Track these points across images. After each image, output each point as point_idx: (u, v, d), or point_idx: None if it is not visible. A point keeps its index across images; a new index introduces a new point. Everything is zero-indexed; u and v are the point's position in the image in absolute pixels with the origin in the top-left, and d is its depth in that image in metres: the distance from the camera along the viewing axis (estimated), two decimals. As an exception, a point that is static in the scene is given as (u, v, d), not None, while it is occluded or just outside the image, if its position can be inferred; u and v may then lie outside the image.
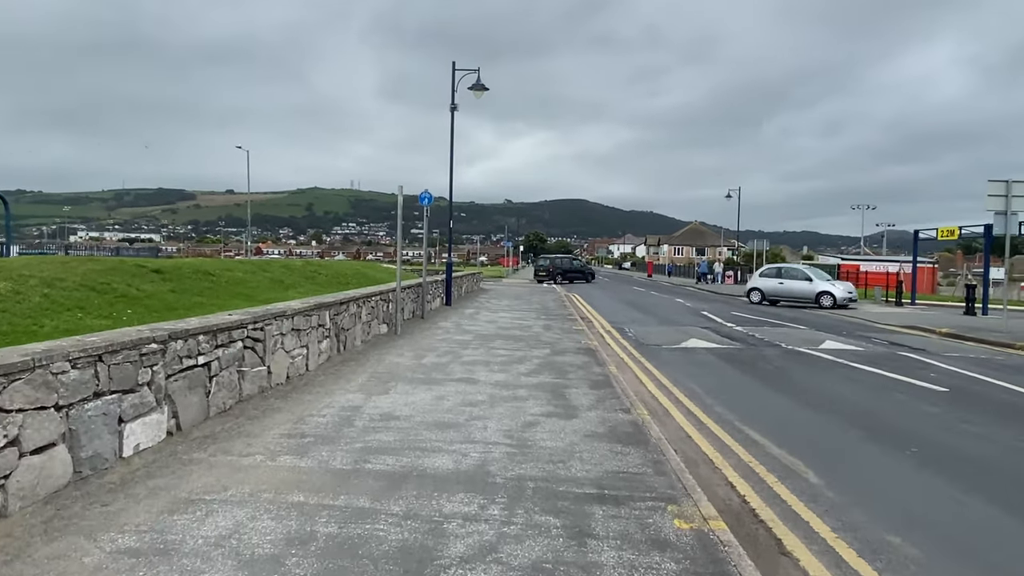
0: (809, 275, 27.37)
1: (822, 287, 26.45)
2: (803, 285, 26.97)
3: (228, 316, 6.86)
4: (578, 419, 6.78)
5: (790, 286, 27.29)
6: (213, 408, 6.29)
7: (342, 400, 7.28)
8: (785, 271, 28.68)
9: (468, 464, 5.20)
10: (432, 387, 8.13)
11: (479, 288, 32.81)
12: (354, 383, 8.23)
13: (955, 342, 15.88)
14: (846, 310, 25.03)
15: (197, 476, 4.77)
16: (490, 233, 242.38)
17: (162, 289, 12.12)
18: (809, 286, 26.78)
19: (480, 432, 6.15)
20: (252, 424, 6.20)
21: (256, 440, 5.70)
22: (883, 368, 11.19)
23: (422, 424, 6.36)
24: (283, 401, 7.14)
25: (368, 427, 6.19)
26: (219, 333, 6.37)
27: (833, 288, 26.25)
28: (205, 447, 5.45)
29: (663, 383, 9.66)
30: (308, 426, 6.18)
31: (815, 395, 9.10)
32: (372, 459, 5.24)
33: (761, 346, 13.88)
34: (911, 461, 6.12)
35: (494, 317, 17.77)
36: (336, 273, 19.76)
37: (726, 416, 7.69)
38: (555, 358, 10.78)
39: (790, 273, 28.17)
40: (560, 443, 5.89)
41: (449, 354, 10.81)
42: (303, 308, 8.49)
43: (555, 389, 8.25)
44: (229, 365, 6.58)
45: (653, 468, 5.27)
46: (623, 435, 6.22)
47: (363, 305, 11.48)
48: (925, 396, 9.07)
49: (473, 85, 20.49)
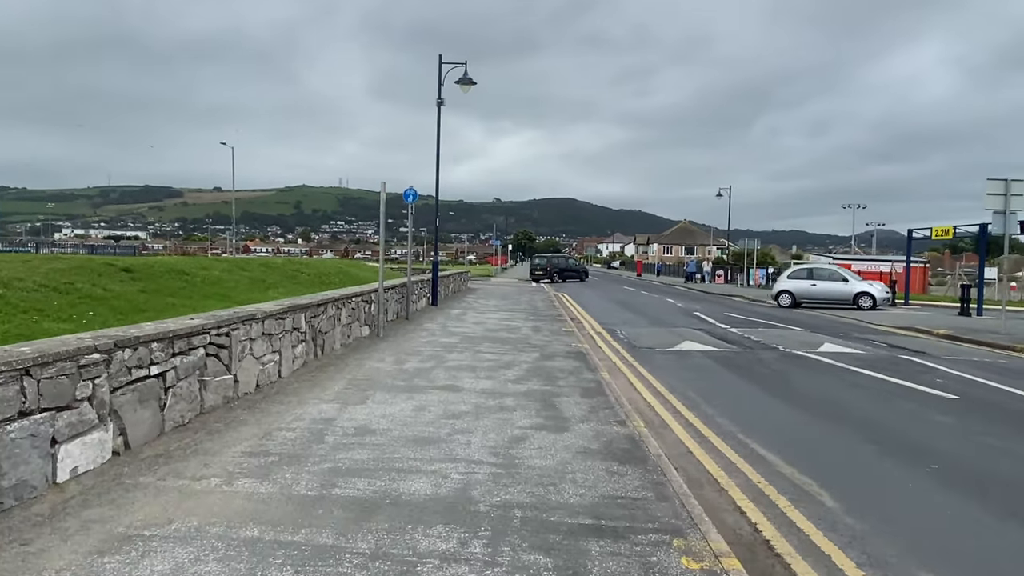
0: (845, 275, 26.35)
1: (860, 287, 25.44)
2: (839, 286, 25.80)
3: (189, 321, 6.28)
4: (570, 433, 6.25)
5: (824, 287, 25.92)
6: (169, 422, 5.71)
7: (315, 411, 6.72)
8: (817, 272, 27.20)
9: (448, 488, 4.65)
10: (413, 396, 7.57)
11: (467, 287, 32.24)
12: (330, 391, 7.66)
13: (954, 344, 15.48)
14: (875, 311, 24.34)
15: (140, 505, 4.20)
16: (479, 232, 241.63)
17: (131, 289, 11.51)
18: (845, 287, 25.66)
19: (463, 449, 5.61)
20: (212, 440, 5.62)
21: (214, 459, 5.13)
22: (886, 373, 10.73)
23: (400, 440, 5.81)
24: (250, 413, 6.57)
25: (340, 443, 5.64)
26: (176, 340, 5.79)
27: (872, 289, 25.38)
28: (155, 468, 4.88)
29: (658, 390, 9.15)
30: (274, 442, 5.62)
31: (820, 403, 8.62)
32: (341, 483, 4.68)
33: (757, 349, 13.41)
34: (933, 480, 5.63)
35: (481, 318, 17.22)
36: (319, 272, 19.18)
37: (728, 428, 7.18)
38: (544, 363, 10.26)
39: (823, 274, 26.84)
40: (551, 461, 5.35)
41: (433, 359, 10.26)
42: (275, 311, 7.92)
43: (545, 398, 7.72)
44: (188, 375, 6.00)
45: (654, 492, 4.75)
46: (619, 451, 5.70)
47: (343, 307, 10.91)
48: (935, 404, 8.60)
49: (460, 79, 19.93)
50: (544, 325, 15.85)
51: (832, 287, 25.87)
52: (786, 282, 27.04)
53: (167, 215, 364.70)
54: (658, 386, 9.37)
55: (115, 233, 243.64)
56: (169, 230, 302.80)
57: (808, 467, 5.87)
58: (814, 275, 26.82)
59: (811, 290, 26.17)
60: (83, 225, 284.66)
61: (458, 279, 29.51)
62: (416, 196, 15.64)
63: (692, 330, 16.64)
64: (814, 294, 26.11)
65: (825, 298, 25.87)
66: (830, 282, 26.02)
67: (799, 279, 26.80)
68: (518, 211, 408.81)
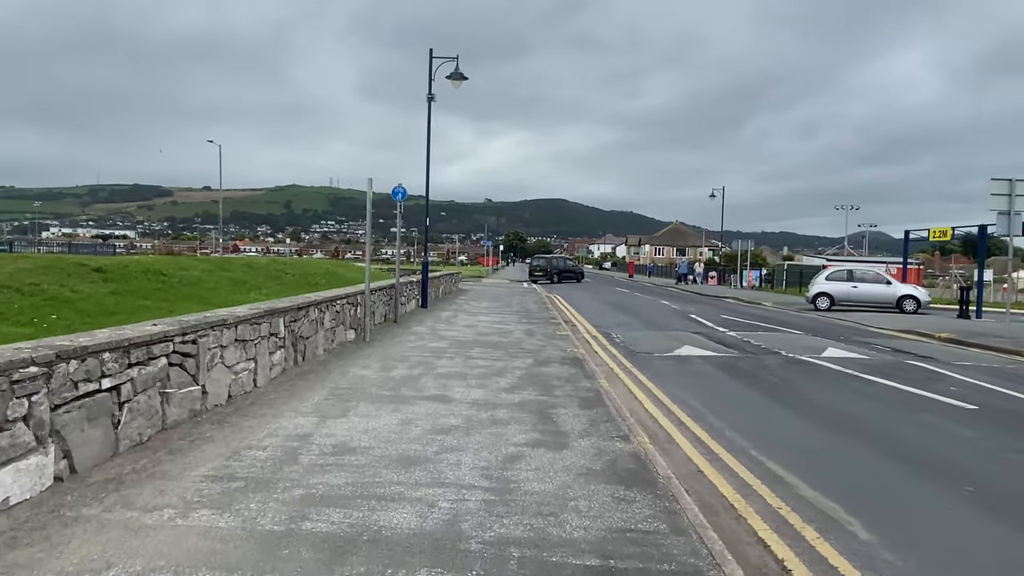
0: (887, 278, 25.59)
1: (904, 290, 24.76)
2: (881, 289, 25.03)
3: (149, 327, 5.70)
4: (569, 450, 5.71)
5: (866, 290, 25.02)
6: (125, 441, 5.13)
7: (290, 426, 6.14)
8: (858, 273, 26.13)
9: (436, 520, 4.10)
10: (399, 407, 7.01)
11: (458, 289, 31.66)
12: (308, 403, 7.08)
13: (959, 348, 15.04)
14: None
15: (77, 544, 3.62)
16: (470, 232, 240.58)
17: (102, 291, 10.88)
18: (888, 290, 24.92)
19: (452, 470, 5.06)
20: (173, 461, 5.04)
21: (172, 485, 4.55)
22: (897, 380, 10.24)
23: (382, 459, 5.25)
24: (219, 428, 5.98)
25: (316, 464, 5.07)
26: (133, 349, 5.21)
27: (917, 292, 24.78)
28: (102, 497, 4.29)
29: (660, 399, 8.62)
30: (242, 463, 5.05)
31: (832, 414, 8.11)
32: (313, 514, 4.12)
33: (760, 354, 12.91)
34: (972, 506, 5.12)
35: (473, 321, 16.66)
36: (304, 273, 18.56)
37: (739, 443, 6.65)
38: (539, 369, 9.71)
39: (865, 275, 25.90)
40: (550, 485, 4.81)
41: (421, 365, 9.69)
42: (250, 315, 7.33)
43: (541, 409, 7.17)
44: (148, 387, 5.42)
45: (667, 522, 4.21)
46: (625, 473, 5.15)
47: (326, 310, 10.32)
48: (954, 415, 8.11)
49: (451, 74, 19.37)
50: (537, 328, 15.31)
51: (874, 289, 25.03)
52: (824, 283, 25.78)
53: (156, 214, 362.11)
54: (660, 395, 8.84)
55: (103, 232, 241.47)
56: (158, 229, 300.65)
57: (831, 489, 5.34)
58: (855, 276, 25.78)
59: (852, 292, 25.19)
60: (71, 224, 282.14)
61: (449, 280, 28.93)
62: (405, 194, 15.06)
63: (690, 334, 16.13)
64: (855, 296, 25.15)
65: (867, 301, 24.95)
66: (872, 284, 25.15)
67: (838, 280, 25.63)
68: (509, 212, 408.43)
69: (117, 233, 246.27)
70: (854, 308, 25.01)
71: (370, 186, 11.79)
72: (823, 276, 26.48)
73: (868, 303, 25.05)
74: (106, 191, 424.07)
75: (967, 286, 24.65)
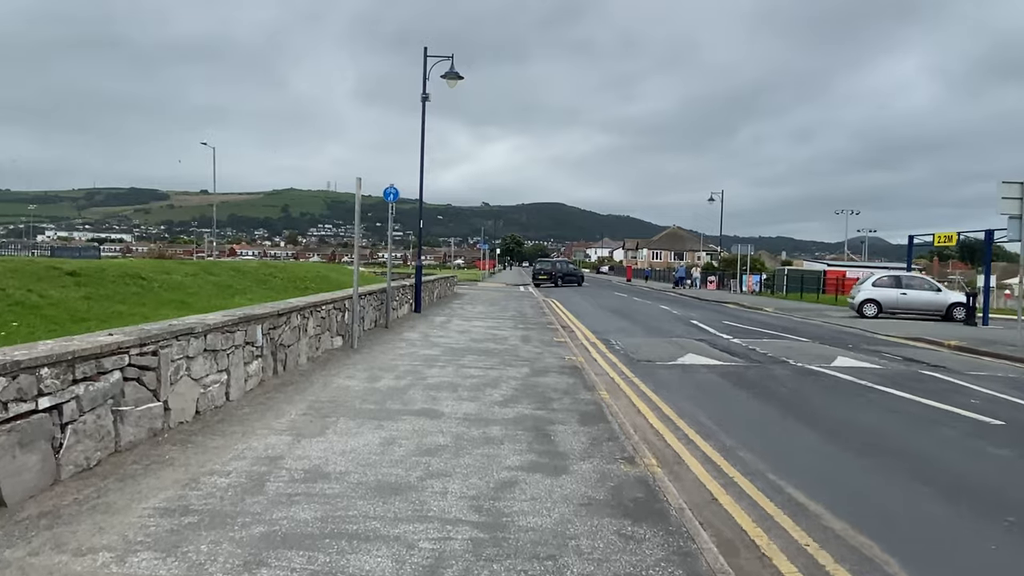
0: (937, 284, 24.90)
1: (954, 298, 24.03)
2: (930, 296, 24.32)
3: (102, 338, 5.12)
4: (569, 475, 5.14)
5: (916, 297, 24.22)
6: (69, 467, 4.55)
7: (261, 446, 5.57)
8: (906, 279, 25.23)
9: (415, 566, 3.52)
10: (383, 424, 6.43)
11: (453, 293, 31.10)
12: (284, 419, 6.51)
13: (971, 357, 14.51)
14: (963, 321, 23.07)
15: (-15, 600, 3.05)
16: (467, 236, 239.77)
17: (73, 296, 10.30)
18: (938, 297, 24.26)
19: (437, 500, 4.48)
20: (121, 490, 4.46)
21: (115, 520, 3.98)
22: (913, 392, 9.69)
23: (359, 487, 4.68)
24: (181, 449, 5.40)
25: (283, 494, 4.49)
26: (80, 363, 4.63)
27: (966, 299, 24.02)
28: (31, 536, 3.72)
29: (666, 413, 8.05)
30: (200, 492, 4.47)
31: (851, 431, 7.54)
32: (272, 559, 3.54)
33: (767, 363, 12.35)
34: (1017, 537, 4.55)
35: (467, 326, 16.08)
36: (294, 277, 17.98)
37: (754, 464, 6.09)
38: (536, 379, 9.15)
39: (913, 282, 25.05)
40: (547, 520, 4.24)
41: (411, 374, 9.12)
42: (222, 322, 6.75)
43: (537, 426, 6.60)
44: (98, 405, 4.84)
45: (684, 568, 3.64)
46: (632, 503, 4.59)
47: (310, 316, 9.74)
48: (981, 432, 7.56)
49: (446, 73, 18.84)
50: (534, 334, 14.74)
51: (924, 296, 24.23)
52: (871, 290, 24.85)
53: (153, 218, 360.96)
54: (665, 408, 8.28)
55: (99, 236, 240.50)
56: (155, 233, 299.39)
57: (862, 520, 4.77)
58: (903, 283, 24.96)
59: (901, 299, 24.45)
60: (67, 227, 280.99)
61: (444, 284, 28.37)
62: (397, 195, 14.51)
63: (692, 340, 15.58)
64: (903, 304, 24.41)
65: (916, 308, 24.11)
66: (921, 291, 24.29)
67: (886, 287, 24.78)
68: (506, 215, 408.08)
69: (113, 237, 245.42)
70: (901, 316, 24.22)
71: (359, 186, 11.23)
72: (869, 282, 25.43)
73: (917, 310, 24.13)
74: (103, 195, 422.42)
75: (973, 292, 24.09)
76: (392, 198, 14.29)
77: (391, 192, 14.29)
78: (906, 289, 24.61)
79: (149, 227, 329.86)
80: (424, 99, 18.91)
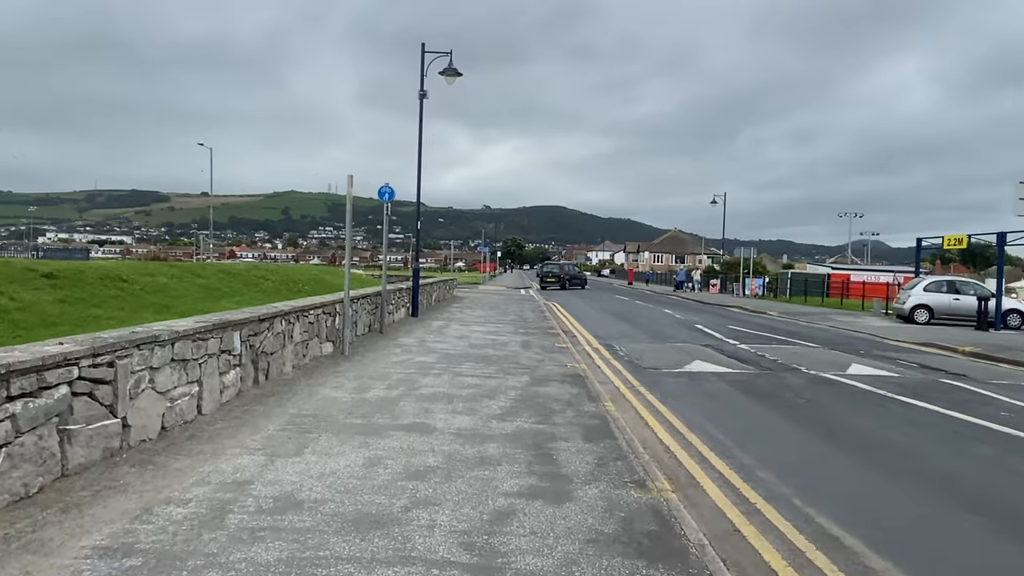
0: (990, 290, 23.94)
1: (1008, 304, 23.10)
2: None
3: (50, 347, 4.55)
4: (573, 503, 4.56)
5: (969, 303, 23.14)
6: (2, 496, 3.98)
7: (229, 468, 4.99)
8: (960, 285, 24.48)
9: (390, 625, 2.96)
10: (368, 441, 5.86)
11: (452, 296, 30.54)
12: (259, 435, 5.94)
13: (989, 364, 13.93)
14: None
15: None
16: (468, 239, 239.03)
17: (47, 299, 9.73)
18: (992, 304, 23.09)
19: (423, 536, 3.91)
20: (61, 524, 3.89)
21: (45, 563, 3.41)
22: (938, 404, 9.11)
23: (335, 519, 4.10)
24: (139, 472, 4.83)
25: (246, 528, 3.92)
26: (16, 377, 4.06)
27: (1021, 306, 23.32)
28: (-61, 585, 3.15)
29: (675, 426, 7.48)
30: (150, 526, 3.90)
31: (877, 448, 6.96)
32: (221, 616, 2.97)
33: (779, 371, 11.77)
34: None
35: (465, 331, 15.51)
36: (286, 279, 17.42)
37: (777, 488, 5.50)
38: (536, 389, 8.58)
39: (966, 288, 24.22)
40: (549, 560, 3.67)
41: (403, 384, 8.55)
42: (194, 329, 6.18)
43: (538, 443, 6.03)
44: (39, 424, 4.27)
45: (710, 625, 3.07)
46: (645, 538, 4.01)
47: (296, 321, 9.17)
48: (1018, 448, 6.98)
49: (444, 70, 18.30)
50: (535, 340, 14.17)
51: (976, 303, 23.17)
52: (923, 295, 24.00)
53: (153, 220, 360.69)
54: (675, 422, 7.70)
55: (100, 237, 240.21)
56: (156, 235, 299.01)
57: (907, 560, 4.19)
58: (957, 288, 24.19)
59: (953, 305, 23.64)
60: (68, 229, 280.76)
61: (443, 287, 27.82)
62: (392, 195, 13.96)
63: (699, 346, 15.00)
64: (956, 309, 23.59)
65: (970, 314, 23.03)
66: (976, 297, 23.26)
67: (938, 292, 24.00)
68: (507, 218, 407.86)
69: (114, 239, 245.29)
70: (950, 323, 23.40)
71: (350, 183, 10.67)
72: (920, 287, 24.49)
73: (970, 316, 23.05)
74: (104, 196, 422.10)
75: (986, 296, 23.48)
76: (387, 198, 13.74)
77: (386, 191, 13.74)
78: (960, 295, 23.74)
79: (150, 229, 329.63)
80: (422, 96, 18.37)
